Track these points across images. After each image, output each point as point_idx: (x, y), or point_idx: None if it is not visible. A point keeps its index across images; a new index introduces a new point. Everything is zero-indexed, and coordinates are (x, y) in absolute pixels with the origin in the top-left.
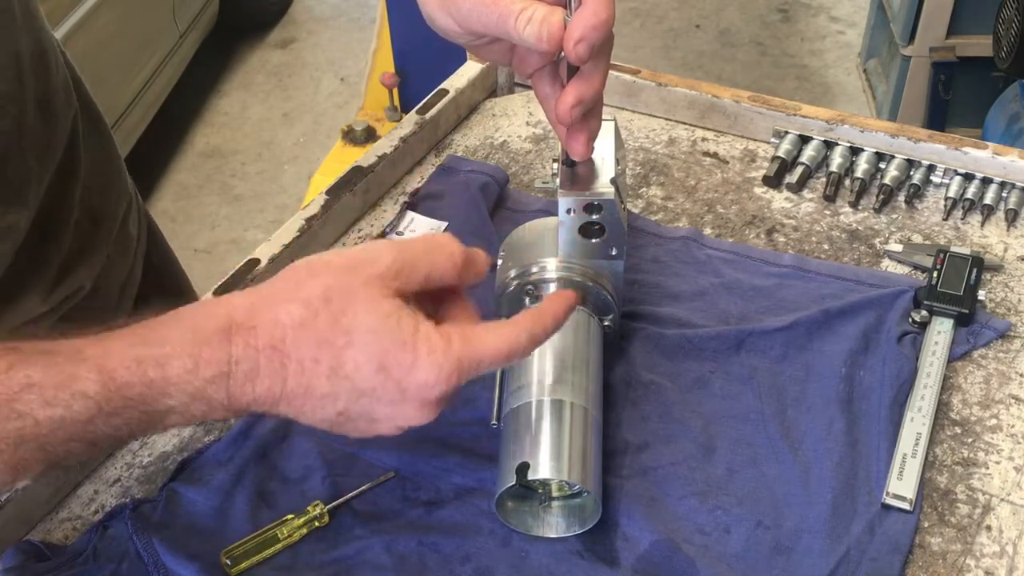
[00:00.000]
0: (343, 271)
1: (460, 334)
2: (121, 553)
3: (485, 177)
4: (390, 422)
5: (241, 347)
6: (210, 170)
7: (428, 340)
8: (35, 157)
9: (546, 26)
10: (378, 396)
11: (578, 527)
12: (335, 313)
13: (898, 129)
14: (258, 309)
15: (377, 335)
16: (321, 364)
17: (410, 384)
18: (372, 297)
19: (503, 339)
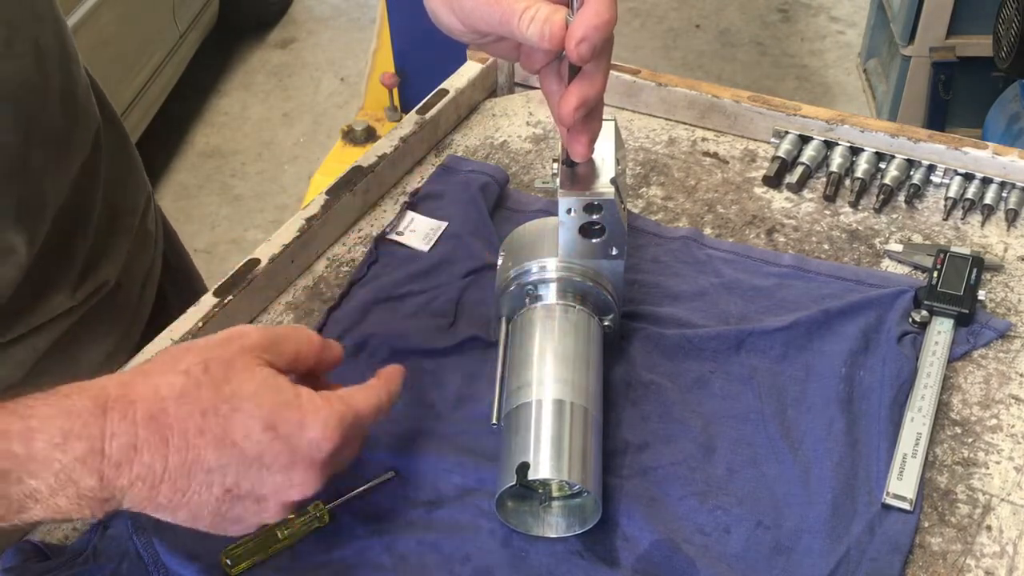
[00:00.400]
0: (216, 345)
1: (335, 394)
2: (121, 553)
3: (485, 177)
4: (277, 497)
5: (117, 420)
6: (210, 170)
7: (311, 400)
8: (55, 150)
9: (548, 25)
10: (267, 463)
11: (578, 527)
12: (217, 381)
13: (898, 129)
14: (135, 384)
15: (261, 398)
16: (207, 434)
17: (300, 443)
18: (248, 365)
19: (372, 395)
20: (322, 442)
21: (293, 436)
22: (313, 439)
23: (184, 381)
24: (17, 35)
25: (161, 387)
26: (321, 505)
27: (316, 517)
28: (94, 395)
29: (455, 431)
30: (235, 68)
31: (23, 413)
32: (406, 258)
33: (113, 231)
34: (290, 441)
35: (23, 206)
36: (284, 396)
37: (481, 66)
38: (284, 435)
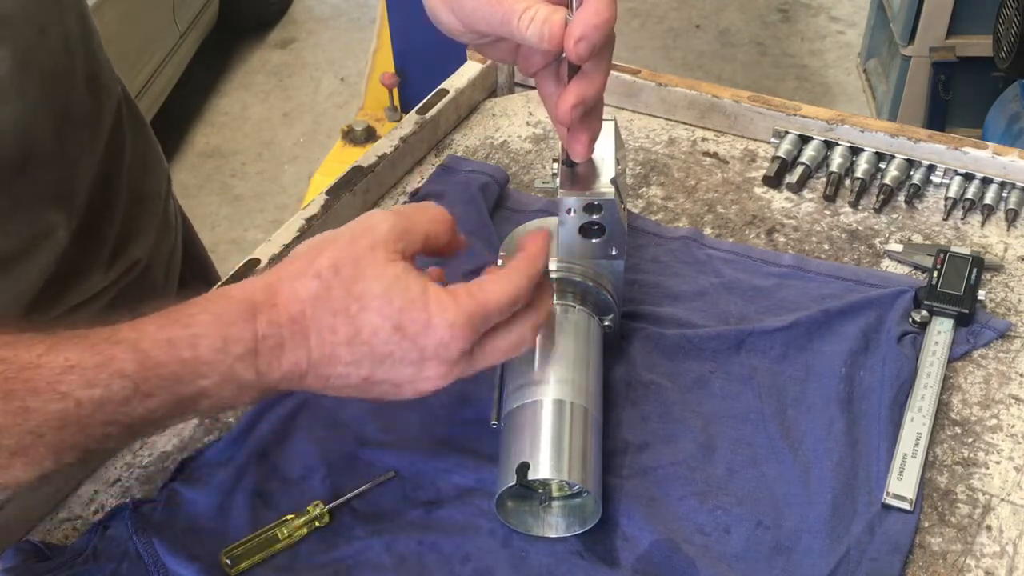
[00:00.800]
0: (347, 242)
1: (465, 290)
2: (121, 553)
3: (485, 177)
4: (412, 385)
5: (265, 324)
6: (210, 170)
7: (438, 300)
8: (87, 132)
9: (548, 26)
10: (398, 359)
11: (578, 527)
12: (346, 282)
13: (898, 129)
14: (276, 287)
15: (389, 298)
16: (339, 333)
17: (427, 344)
18: (378, 262)
19: (506, 286)
20: (450, 342)
21: (420, 336)
22: (440, 340)
23: (318, 284)
24: (49, 22)
25: (299, 290)
26: (321, 505)
27: (316, 517)
28: (243, 300)
29: (455, 431)
30: (235, 68)
31: (186, 322)
32: None
33: (139, 213)
34: (417, 341)
35: (60, 188)
36: (411, 295)
37: (481, 66)
38: (411, 335)
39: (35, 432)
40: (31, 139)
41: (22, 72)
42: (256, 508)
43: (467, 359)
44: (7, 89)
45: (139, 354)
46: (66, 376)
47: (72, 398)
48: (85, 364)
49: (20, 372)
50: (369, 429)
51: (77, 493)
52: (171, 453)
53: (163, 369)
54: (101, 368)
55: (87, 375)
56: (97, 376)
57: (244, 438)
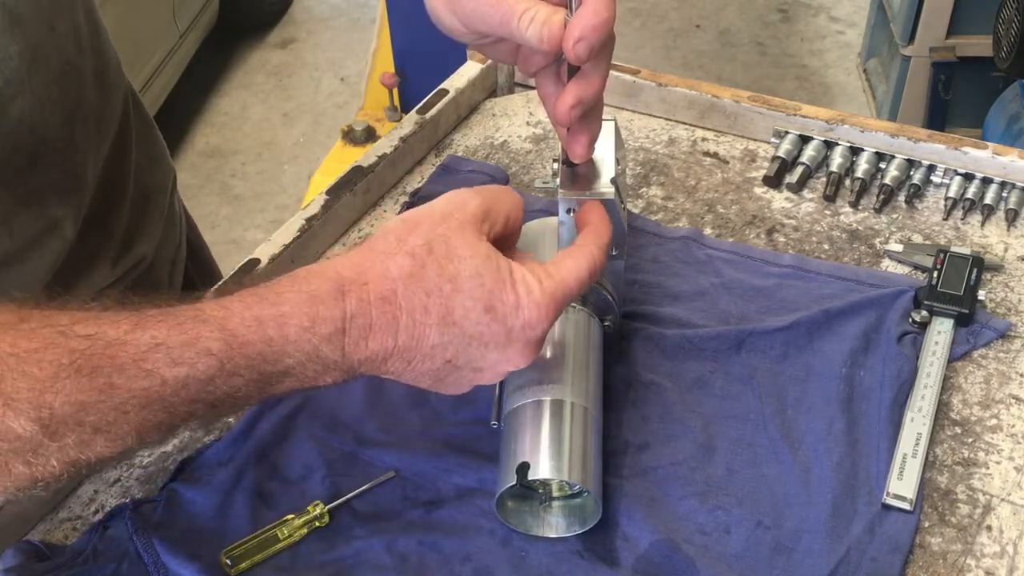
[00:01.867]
0: (438, 220)
1: (544, 271)
2: (121, 553)
3: (485, 177)
4: (494, 368)
5: (355, 303)
6: (210, 170)
7: (524, 280)
8: (95, 128)
9: (547, 27)
10: (486, 340)
11: (578, 527)
12: (440, 261)
13: (898, 129)
14: (367, 266)
15: (481, 278)
16: (431, 313)
17: (515, 324)
18: (470, 242)
19: (581, 261)
20: (536, 324)
21: (509, 317)
22: (528, 320)
23: (411, 263)
24: (59, 17)
25: (391, 268)
26: (321, 505)
27: (316, 517)
28: (332, 278)
29: (455, 431)
30: (235, 68)
31: (273, 300)
32: None
33: (146, 209)
34: (506, 322)
35: (68, 182)
36: (502, 275)
37: (481, 66)
38: (501, 317)
39: (119, 409)
40: (41, 134)
41: (32, 68)
42: (256, 508)
43: (543, 339)
44: (18, 84)
45: (225, 333)
46: (152, 354)
47: (158, 376)
48: (171, 342)
49: (106, 349)
50: (369, 429)
51: (77, 493)
52: (171, 453)
53: (249, 348)
54: (187, 347)
55: (173, 353)
56: (183, 355)
57: (244, 438)
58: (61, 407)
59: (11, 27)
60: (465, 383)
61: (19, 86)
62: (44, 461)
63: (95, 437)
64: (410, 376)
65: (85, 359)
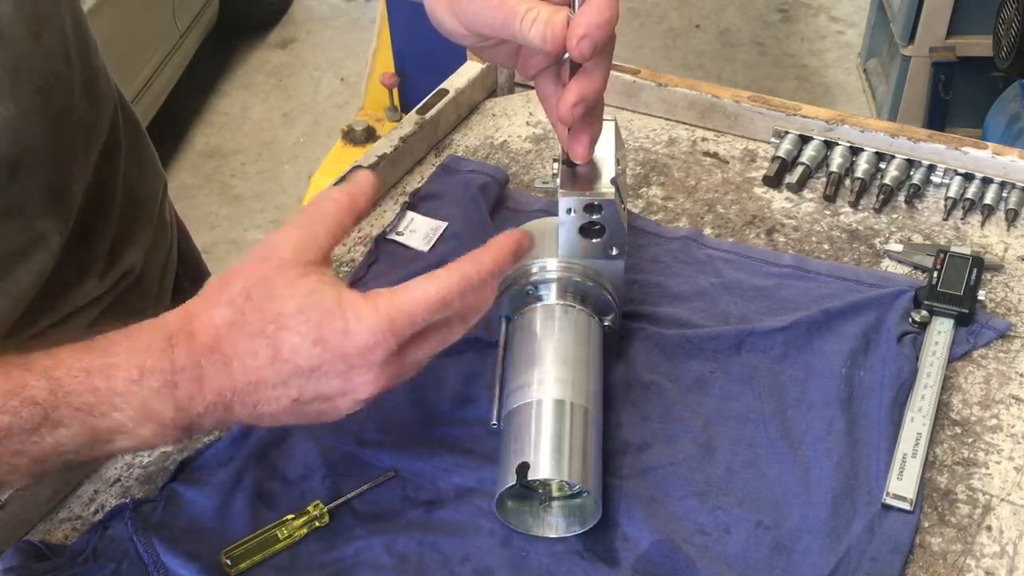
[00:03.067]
0: (254, 266)
1: (385, 295)
2: (121, 553)
3: (485, 177)
4: (346, 396)
5: (183, 354)
6: (210, 170)
7: (354, 306)
8: (82, 138)
9: (550, 26)
10: (324, 371)
11: (578, 527)
12: (261, 304)
13: (898, 129)
14: (191, 317)
15: (305, 313)
16: (260, 355)
17: (350, 351)
18: (290, 281)
19: (431, 286)
20: (374, 347)
21: (341, 345)
22: (363, 345)
23: (231, 311)
24: (46, 27)
25: (214, 318)
26: (321, 505)
27: (316, 517)
28: (161, 330)
29: (455, 431)
30: (235, 68)
31: (103, 351)
32: (406, 258)
33: (135, 218)
34: (339, 350)
35: (53, 194)
36: (327, 306)
37: (481, 66)
38: (332, 346)
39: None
40: (23, 144)
41: (15, 77)
42: (256, 508)
43: (395, 362)
44: None
45: (52, 381)
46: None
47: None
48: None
49: None
50: (368, 429)
51: (77, 493)
52: (171, 453)
53: (75, 398)
54: (11, 395)
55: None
56: (6, 403)
57: (244, 438)
58: None
59: None
60: (328, 415)
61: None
62: None
63: None
64: (267, 419)
65: None
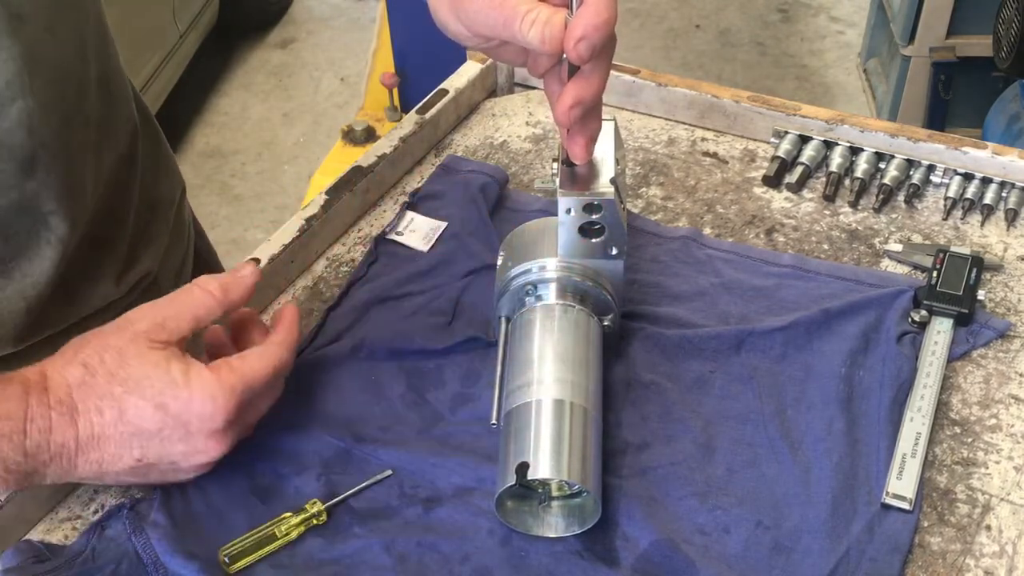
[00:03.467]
0: (111, 334)
1: (227, 365)
2: (120, 553)
3: (485, 177)
4: (188, 460)
5: (35, 405)
6: (210, 170)
7: (199, 377)
8: (96, 134)
9: (548, 28)
10: (166, 435)
11: (578, 527)
12: (110, 368)
13: (898, 129)
14: (49, 373)
15: (150, 380)
16: (105, 414)
17: (191, 418)
18: (141, 352)
19: (267, 358)
20: (214, 415)
21: (183, 413)
22: (203, 413)
23: (83, 371)
24: (60, 22)
25: (67, 376)
26: (319, 503)
27: (314, 515)
28: (21, 381)
29: (454, 431)
30: (235, 68)
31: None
32: (406, 258)
33: (152, 222)
34: (180, 417)
35: (66, 191)
36: (172, 376)
37: (481, 66)
38: (174, 413)
39: None
40: (39, 138)
41: (32, 71)
42: (254, 506)
43: (236, 425)
44: (17, 86)
45: None
46: None
47: None
48: None
49: None
50: (367, 428)
51: (77, 493)
52: None
53: None
54: None
55: None
56: None
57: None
58: None
59: (14, 28)
60: (169, 476)
61: (19, 88)
62: None
63: None
64: (111, 478)
65: None
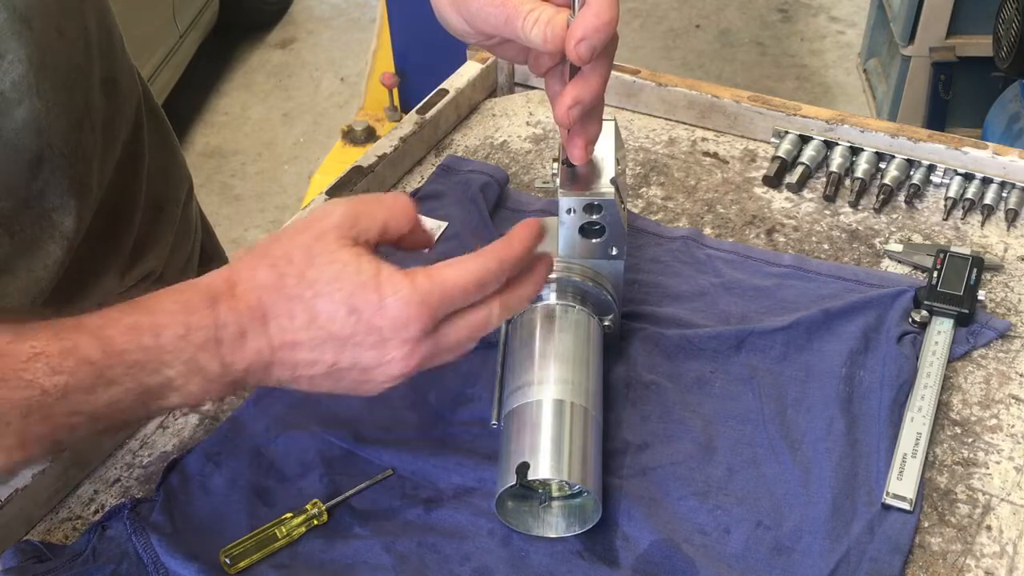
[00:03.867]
0: (300, 231)
1: (424, 272)
2: (121, 553)
3: (485, 177)
4: (381, 369)
5: (225, 311)
6: (210, 170)
7: (391, 280)
8: (102, 134)
9: (550, 27)
10: (358, 341)
11: (578, 527)
12: (300, 268)
13: (898, 129)
14: (235, 278)
15: (340, 281)
16: (296, 319)
17: (384, 324)
18: (329, 249)
19: (471, 268)
20: (407, 322)
21: (375, 317)
22: (396, 319)
23: (271, 273)
24: (68, 21)
25: (255, 279)
26: (319, 503)
27: (314, 515)
28: (205, 289)
29: (455, 431)
30: (235, 68)
31: (151, 308)
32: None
33: (158, 220)
34: (373, 322)
35: (72, 187)
36: (363, 277)
37: (481, 66)
38: (366, 317)
39: (2, 420)
40: (46, 138)
41: (40, 71)
42: (254, 507)
43: (431, 339)
44: (25, 88)
45: (103, 341)
46: (32, 363)
47: (37, 386)
48: (51, 351)
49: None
50: (367, 427)
51: (77, 493)
52: (171, 453)
53: (127, 356)
54: (66, 355)
55: (52, 362)
56: (62, 363)
57: (240, 436)
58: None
59: (21, 30)
60: (365, 387)
61: (26, 90)
62: None
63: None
64: (305, 383)
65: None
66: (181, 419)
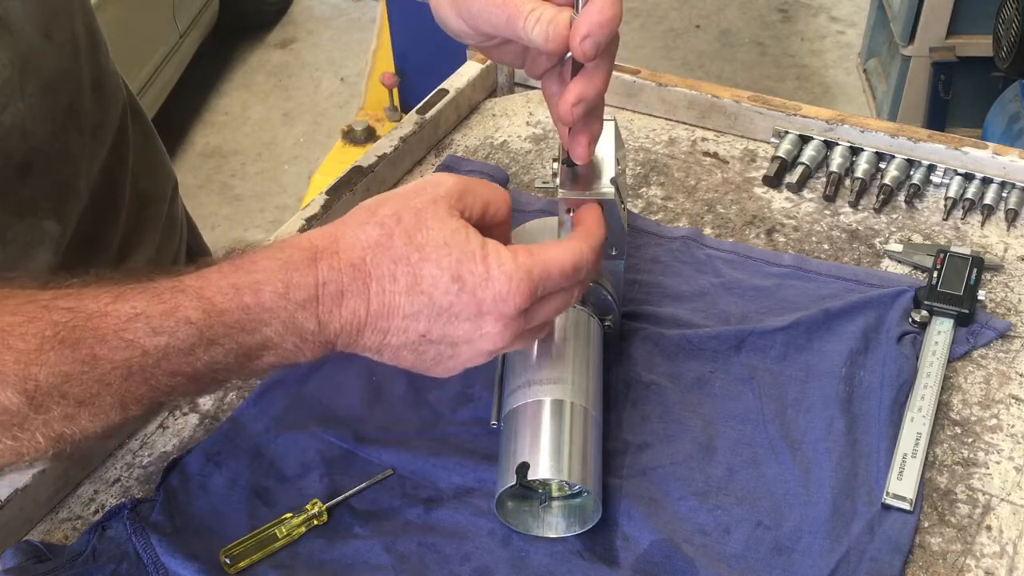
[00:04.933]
0: (410, 194)
1: (526, 249)
2: (121, 553)
3: (485, 177)
4: (470, 345)
5: (326, 269)
6: (210, 170)
7: (497, 254)
8: (90, 137)
9: (553, 26)
10: (456, 312)
11: (578, 527)
12: (408, 230)
13: (898, 129)
14: (338, 235)
15: (449, 248)
16: (399, 281)
17: (485, 296)
18: (439, 215)
19: (568, 251)
20: (508, 297)
21: (479, 289)
22: (499, 293)
23: (380, 232)
24: (56, 26)
25: (361, 237)
26: (319, 503)
27: (315, 515)
28: (306, 247)
29: (455, 431)
30: (235, 68)
31: (249, 268)
32: None
33: (143, 218)
34: (476, 294)
35: (60, 191)
36: (471, 247)
37: (481, 66)
38: (470, 288)
39: (102, 380)
40: (33, 142)
41: (24, 75)
42: (254, 507)
43: (523, 318)
44: (9, 92)
45: (203, 301)
46: (132, 324)
47: (139, 346)
48: (151, 312)
49: (88, 320)
50: (367, 427)
51: (77, 493)
52: (171, 453)
53: (227, 316)
54: (167, 316)
55: (153, 323)
56: (163, 324)
57: (240, 436)
58: (46, 379)
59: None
60: (447, 363)
61: (11, 94)
62: (30, 436)
63: (79, 410)
64: (389, 353)
65: (68, 331)
66: (181, 419)
